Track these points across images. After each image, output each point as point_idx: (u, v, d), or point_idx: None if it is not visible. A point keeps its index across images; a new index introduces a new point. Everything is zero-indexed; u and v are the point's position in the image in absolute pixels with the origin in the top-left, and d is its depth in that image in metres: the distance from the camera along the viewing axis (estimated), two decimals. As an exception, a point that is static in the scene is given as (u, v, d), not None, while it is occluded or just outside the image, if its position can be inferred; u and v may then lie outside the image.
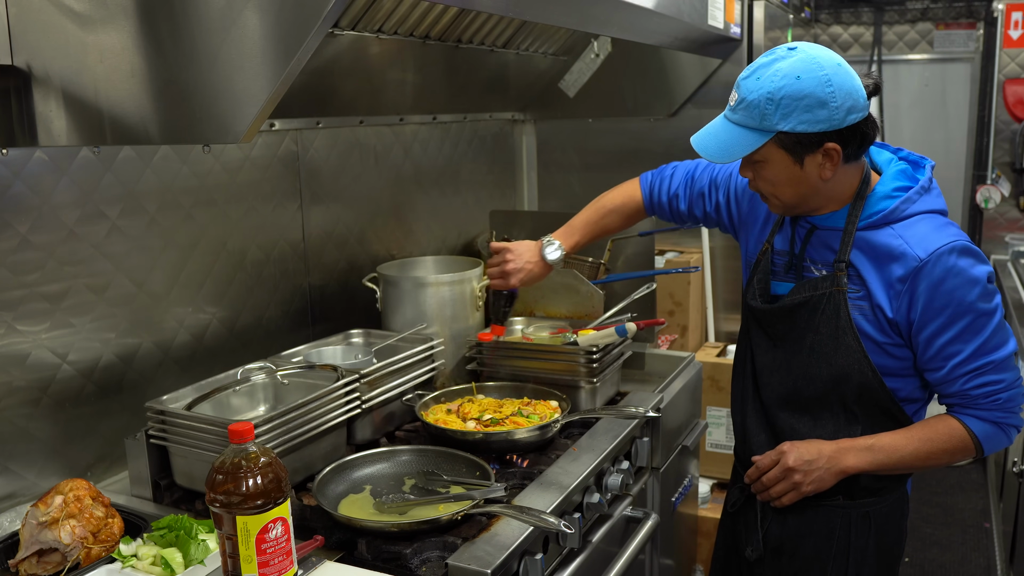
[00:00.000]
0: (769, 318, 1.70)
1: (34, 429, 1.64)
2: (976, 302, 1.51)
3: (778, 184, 1.57)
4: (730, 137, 1.55)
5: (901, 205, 1.56)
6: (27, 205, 1.59)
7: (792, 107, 1.47)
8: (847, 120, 1.48)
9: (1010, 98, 4.52)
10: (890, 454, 1.60)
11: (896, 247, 1.54)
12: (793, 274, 1.69)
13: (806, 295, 1.63)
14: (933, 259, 1.51)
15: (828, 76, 1.47)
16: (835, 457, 1.61)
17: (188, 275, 1.93)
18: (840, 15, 5.06)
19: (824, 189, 1.58)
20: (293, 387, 1.85)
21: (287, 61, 1.15)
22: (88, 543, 1.38)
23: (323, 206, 2.30)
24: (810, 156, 1.52)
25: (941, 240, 1.52)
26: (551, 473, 1.74)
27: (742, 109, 1.53)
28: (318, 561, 1.41)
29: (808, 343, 1.64)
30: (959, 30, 4.94)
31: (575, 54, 2.97)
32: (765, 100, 1.49)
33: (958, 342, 1.53)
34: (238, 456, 1.20)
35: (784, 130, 1.49)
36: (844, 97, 1.47)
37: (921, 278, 1.51)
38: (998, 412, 1.56)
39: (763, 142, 1.51)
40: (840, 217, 1.61)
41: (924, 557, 3.57)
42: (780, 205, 1.63)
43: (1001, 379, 1.55)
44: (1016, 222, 4.65)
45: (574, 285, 2.37)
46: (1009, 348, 1.56)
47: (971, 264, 1.52)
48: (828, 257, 1.63)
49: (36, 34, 1.33)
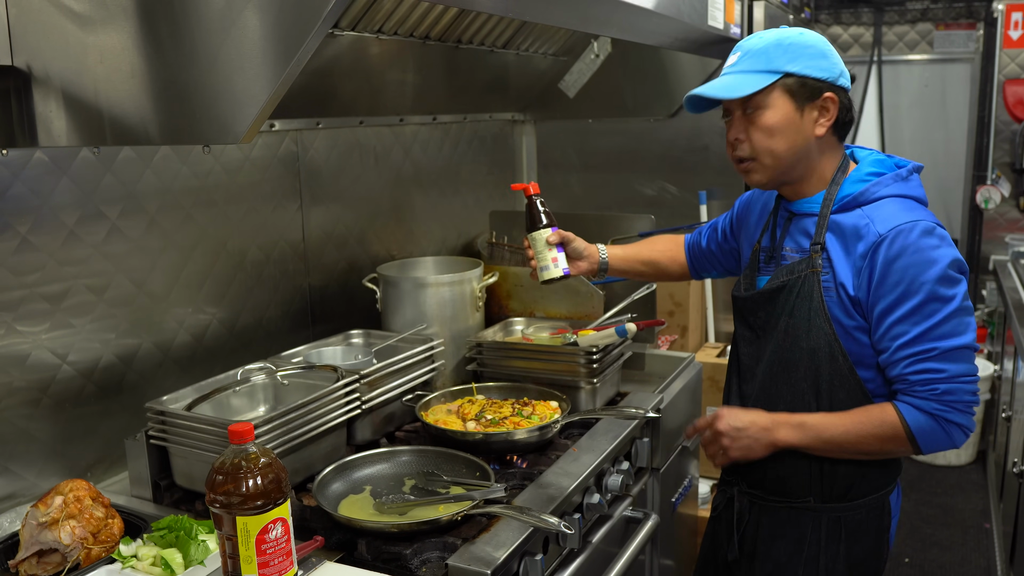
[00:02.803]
0: (750, 306, 1.72)
1: (34, 429, 1.64)
2: (932, 284, 1.49)
3: (775, 133, 1.57)
4: (735, 80, 1.58)
5: (871, 188, 1.58)
6: (27, 205, 1.59)
7: (799, 53, 1.56)
8: (840, 80, 1.58)
9: (1010, 98, 4.52)
10: (820, 432, 1.59)
11: (861, 226, 1.55)
12: (773, 265, 1.71)
13: (783, 279, 1.64)
14: (892, 235, 1.50)
15: (826, 40, 1.62)
16: (768, 429, 1.63)
17: (188, 275, 1.93)
18: (840, 15, 5.06)
19: (813, 153, 1.60)
20: (293, 387, 1.85)
21: (287, 61, 1.15)
22: (88, 544, 1.38)
23: (323, 206, 2.30)
24: (809, 105, 1.57)
25: (904, 218, 1.52)
26: (551, 474, 1.74)
27: (747, 59, 1.58)
28: (318, 561, 1.41)
29: (783, 327, 1.64)
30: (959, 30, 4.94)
31: (575, 54, 2.97)
32: (773, 45, 1.57)
33: (905, 322, 1.51)
34: (238, 456, 1.20)
35: (792, 71, 1.54)
36: (838, 60, 1.60)
37: (879, 253, 1.51)
38: (935, 403, 1.51)
39: (771, 82, 1.55)
40: (816, 202, 1.63)
41: (924, 557, 3.57)
42: (768, 165, 1.61)
43: (943, 369, 1.51)
44: (1016, 222, 4.65)
45: (574, 285, 2.37)
46: (960, 340, 1.51)
47: (933, 245, 1.50)
48: (804, 243, 1.64)
49: (36, 34, 1.33)
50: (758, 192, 1.88)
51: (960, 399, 1.52)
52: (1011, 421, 3.37)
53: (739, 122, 1.61)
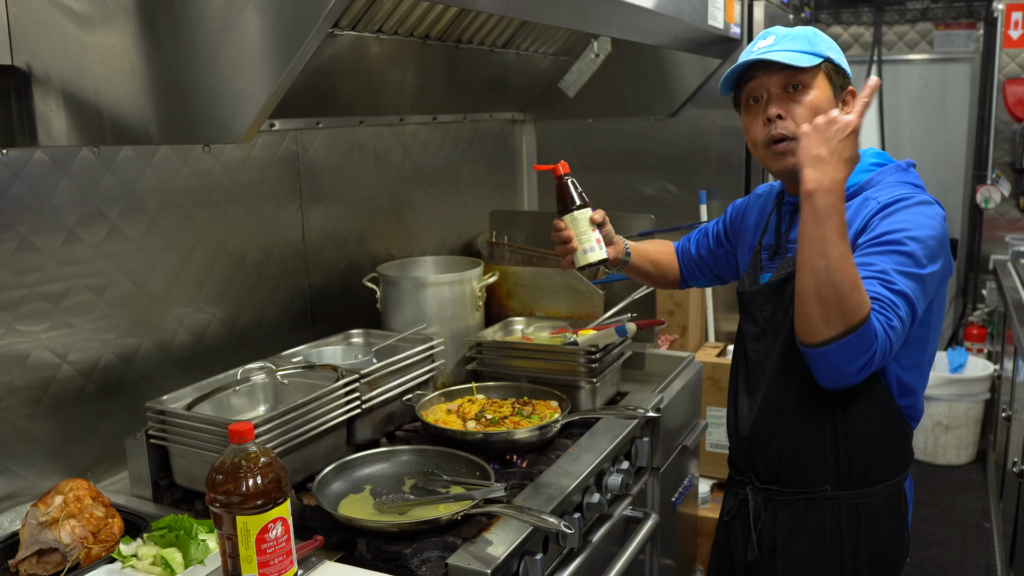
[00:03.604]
0: (758, 300, 1.71)
1: (34, 429, 1.64)
2: (914, 242, 1.47)
3: (819, 112, 1.54)
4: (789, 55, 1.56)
5: (876, 176, 1.60)
6: (27, 205, 1.59)
7: (830, 44, 1.61)
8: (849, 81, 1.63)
9: (1010, 98, 4.52)
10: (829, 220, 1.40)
11: (863, 207, 1.56)
12: (778, 259, 1.71)
13: (790, 269, 1.62)
14: (891, 200, 1.52)
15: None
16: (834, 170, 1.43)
17: (188, 275, 1.93)
18: (840, 15, 5.06)
19: None
20: (293, 387, 1.85)
21: (287, 61, 1.15)
22: (88, 543, 1.38)
23: (323, 206, 2.30)
24: (838, 96, 1.60)
25: (906, 191, 1.54)
26: (551, 473, 1.74)
27: (788, 39, 1.59)
28: (318, 561, 1.41)
29: (791, 318, 1.59)
30: (959, 30, 4.94)
31: (575, 54, 2.97)
32: (810, 32, 1.61)
33: (879, 258, 1.47)
34: (238, 456, 1.20)
35: (831, 57, 1.58)
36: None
37: (877, 215, 1.52)
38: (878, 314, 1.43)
39: (819, 61, 1.57)
40: None
41: (924, 557, 3.57)
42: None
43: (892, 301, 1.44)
44: (1016, 222, 4.65)
45: (574, 285, 2.37)
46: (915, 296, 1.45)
47: (929, 214, 1.50)
48: None
49: (36, 34, 1.33)
50: (754, 197, 1.88)
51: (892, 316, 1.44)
52: (1011, 421, 3.37)
53: (780, 99, 1.59)
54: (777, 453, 1.68)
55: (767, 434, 1.70)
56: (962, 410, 4.37)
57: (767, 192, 1.86)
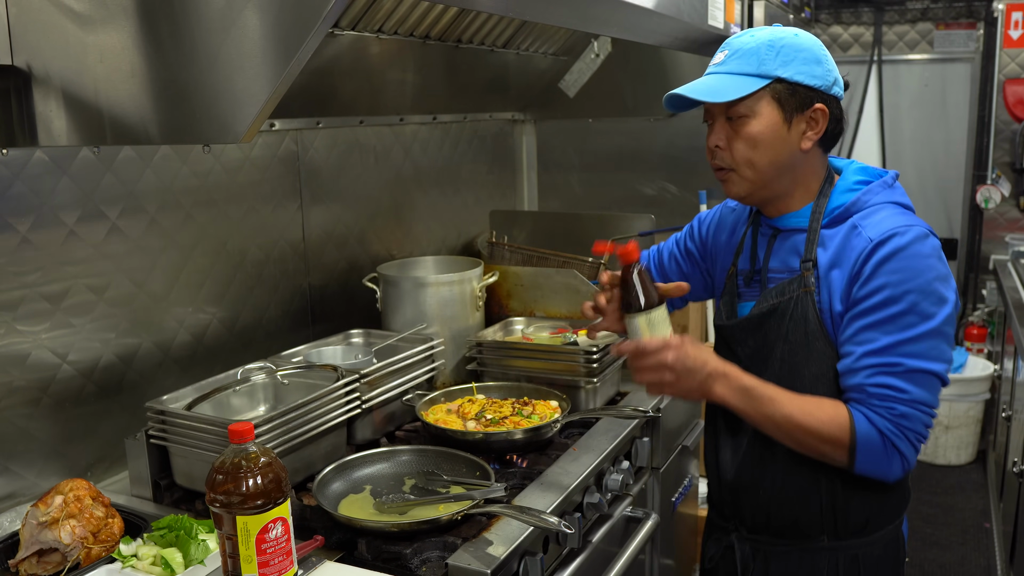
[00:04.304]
0: (738, 334, 1.59)
1: (34, 429, 1.64)
2: (917, 295, 1.38)
3: (760, 145, 1.46)
4: (721, 82, 1.45)
5: (863, 197, 1.48)
6: (27, 205, 1.59)
7: (792, 56, 1.44)
8: (833, 89, 1.47)
9: (1010, 98, 4.52)
10: (763, 406, 1.44)
11: (853, 237, 1.45)
12: (757, 288, 1.58)
13: (773, 302, 1.52)
14: (884, 239, 1.40)
15: (820, 44, 1.50)
16: (712, 378, 1.44)
17: (188, 275, 1.93)
18: (840, 15, 5.05)
19: (798, 167, 1.50)
20: (293, 387, 1.85)
21: (287, 61, 1.15)
22: (88, 543, 1.38)
23: (323, 206, 2.30)
24: (798, 116, 1.45)
25: (898, 223, 1.42)
26: (551, 473, 1.74)
27: (736, 59, 1.46)
28: (318, 561, 1.41)
29: (779, 354, 1.51)
30: (959, 30, 4.94)
31: (575, 54, 2.97)
32: (765, 46, 1.44)
33: (876, 329, 1.40)
34: (238, 456, 1.20)
35: (783, 76, 1.43)
36: (833, 66, 1.48)
37: (869, 258, 1.41)
38: (888, 423, 1.39)
39: (760, 87, 1.43)
40: (803, 216, 1.53)
41: (924, 557, 3.57)
42: (748, 178, 1.50)
43: (905, 389, 1.38)
44: (1016, 222, 4.65)
45: (574, 285, 2.37)
46: (932, 365, 1.39)
47: (926, 253, 1.40)
48: (792, 262, 1.53)
49: (36, 34, 1.33)
50: (727, 210, 1.77)
51: (914, 427, 1.40)
52: (1011, 421, 3.37)
53: (720, 128, 1.49)
54: (766, 501, 1.57)
55: (754, 480, 1.59)
56: (962, 410, 4.37)
57: (739, 206, 1.73)
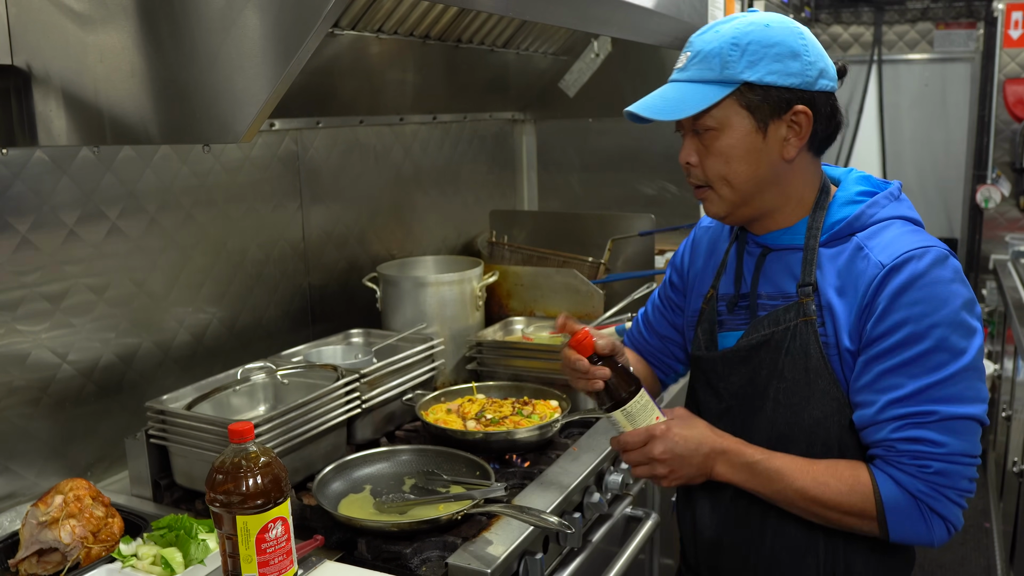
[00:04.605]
0: (721, 369, 1.38)
1: (34, 429, 1.64)
2: (944, 328, 1.18)
3: (733, 159, 1.27)
4: (680, 94, 1.27)
5: (868, 210, 1.28)
6: (27, 205, 1.59)
7: (761, 54, 1.23)
8: (819, 83, 1.25)
9: (1010, 98, 4.52)
10: (772, 482, 1.27)
11: (859, 260, 1.25)
12: (743, 315, 1.37)
13: (766, 332, 1.31)
14: (898, 264, 1.21)
15: (800, 31, 1.27)
16: (711, 458, 1.29)
17: (188, 275, 1.93)
18: (840, 15, 5.05)
19: (784, 178, 1.29)
20: (293, 387, 1.86)
21: (287, 61, 1.15)
22: (88, 543, 1.38)
23: (323, 206, 2.30)
24: (775, 122, 1.25)
25: (911, 244, 1.23)
26: (551, 473, 1.74)
27: (697, 63, 1.27)
28: (318, 561, 1.41)
29: (772, 394, 1.31)
30: (959, 30, 4.94)
31: (575, 54, 2.97)
32: (729, 46, 1.24)
33: (901, 373, 1.20)
34: (238, 456, 1.20)
35: (750, 80, 1.23)
36: (817, 56, 1.26)
37: (882, 288, 1.21)
38: (922, 484, 1.19)
39: (723, 95, 1.24)
40: (798, 233, 1.32)
41: (924, 557, 3.57)
42: (728, 196, 1.31)
43: (941, 442, 1.18)
44: (1016, 222, 4.65)
45: (574, 285, 2.37)
46: (969, 409, 1.19)
47: (947, 278, 1.20)
48: (788, 286, 1.32)
49: (36, 34, 1.33)
50: (700, 231, 1.56)
51: (955, 484, 1.20)
52: (1011, 421, 3.37)
53: (690, 143, 1.32)
54: (753, 564, 1.37)
55: (738, 540, 1.39)
56: (962, 410, 4.36)
57: (715, 222, 1.50)
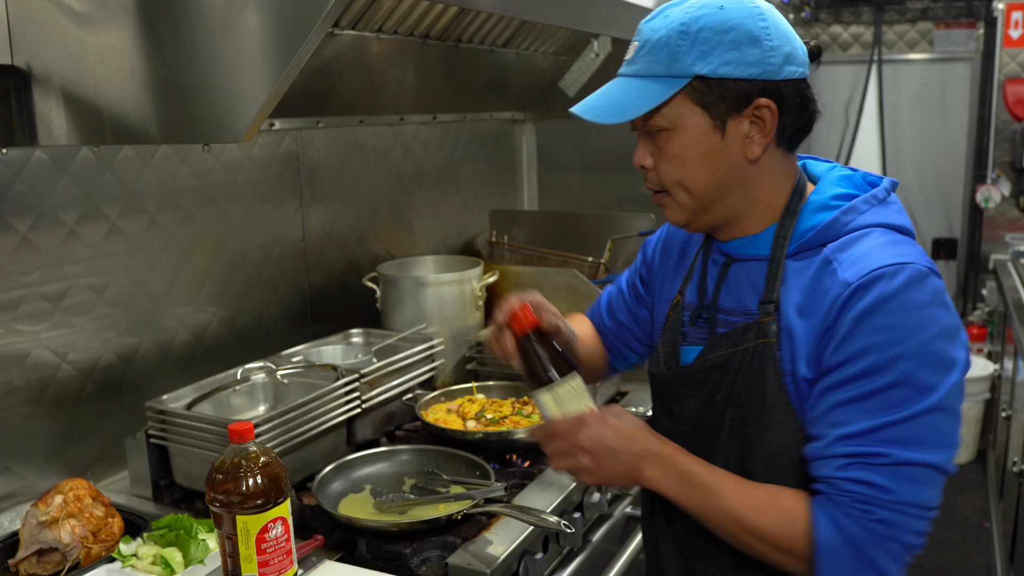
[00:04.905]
0: (675, 390, 1.25)
1: (34, 429, 1.64)
2: (911, 360, 1.02)
3: (689, 162, 1.13)
4: (626, 92, 1.14)
5: (842, 217, 1.12)
6: (27, 205, 1.59)
7: (714, 42, 1.08)
8: (784, 71, 1.10)
9: (1010, 98, 4.52)
10: (706, 498, 1.11)
11: (826, 276, 1.09)
12: (703, 328, 1.24)
13: (724, 353, 1.17)
14: (866, 283, 1.04)
15: (761, 10, 1.11)
16: (643, 459, 1.13)
17: (188, 275, 1.93)
18: (840, 14, 5.05)
19: (749, 181, 1.15)
20: (293, 387, 1.86)
21: (287, 61, 1.15)
22: (88, 543, 1.38)
23: (323, 206, 2.30)
24: (735, 118, 1.11)
25: (885, 259, 1.05)
26: (551, 473, 1.74)
27: (644, 55, 1.13)
28: (318, 561, 1.41)
29: (728, 423, 1.17)
30: (959, 29, 4.94)
31: (575, 54, 2.96)
32: (677, 34, 1.09)
33: (856, 408, 1.04)
34: (238, 456, 1.20)
35: (703, 74, 1.08)
36: (781, 39, 1.10)
37: (846, 311, 1.05)
38: (861, 529, 1.03)
39: (673, 92, 1.10)
40: (765, 241, 1.18)
41: (924, 557, 3.57)
42: (686, 203, 1.17)
43: (889, 488, 1.03)
44: (1016, 222, 4.65)
45: (574, 285, 2.37)
46: (928, 457, 1.04)
47: (924, 301, 1.04)
48: (748, 302, 1.18)
49: (36, 34, 1.33)
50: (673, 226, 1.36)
51: (899, 537, 1.04)
52: (1011, 420, 3.37)
53: (644, 144, 1.18)
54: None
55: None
56: (962, 410, 4.37)
57: None
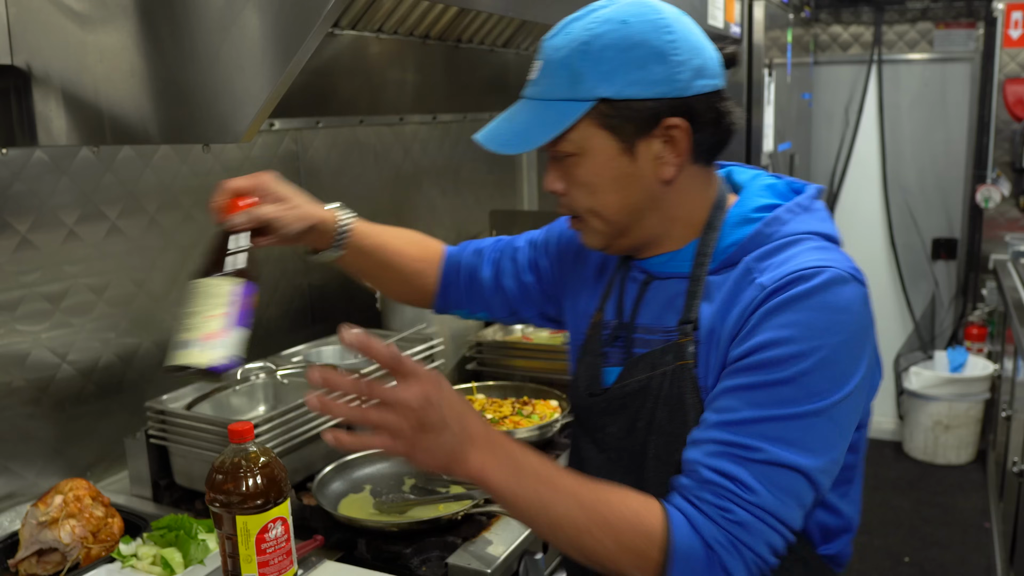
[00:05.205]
0: (596, 417, 1.18)
1: (34, 429, 1.64)
2: (811, 363, 0.97)
3: (599, 189, 1.07)
4: (529, 116, 1.06)
5: (765, 228, 1.06)
6: (27, 205, 1.59)
7: (616, 62, 1.01)
8: (694, 86, 1.04)
9: (1010, 98, 4.52)
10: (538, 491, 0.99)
11: (745, 287, 1.03)
12: (621, 349, 1.17)
13: (642, 377, 1.12)
14: (781, 285, 0.99)
15: (668, 22, 1.04)
16: (473, 439, 1.00)
17: (188, 275, 1.92)
18: (840, 14, 5.05)
19: (666, 202, 1.09)
20: (293, 387, 1.85)
21: (287, 61, 1.15)
22: (88, 543, 1.38)
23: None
24: (645, 140, 1.04)
25: (806, 263, 1.00)
26: (551, 473, 1.74)
27: (546, 76, 1.06)
28: (318, 561, 1.41)
29: (652, 451, 1.10)
30: (959, 29, 4.94)
31: (575, 54, 2.97)
32: (577, 53, 1.02)
33: (742, 396, 0.99)
34: (238, 456, 1.20)
35: (606, 96, 1.02)
36: (690, 52, 1.04)
37: (756, 310, 1.00)
38: (719, 531, 0.96)
39: (576, 117, 1.03)
40: (686, 259, 1.12)
41: (924, 557, 3.57)
42: (601, 229, 1.12)
43: (753, 488, 0.96)
44: (1016, 222, 4.65)
45: (574, 285, 2.37)
46: (802, 460, 0.97)
47: (840, 306, 0.98)
48: (667, 320, 1.12)
49: (36, 34, 1.33)
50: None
51: (753, 545, 0.97)
52: (1011, 420, 3.37)
53: (553, 168, 1.10)
54: None
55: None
56: (962, 410, 4.37)
57: None
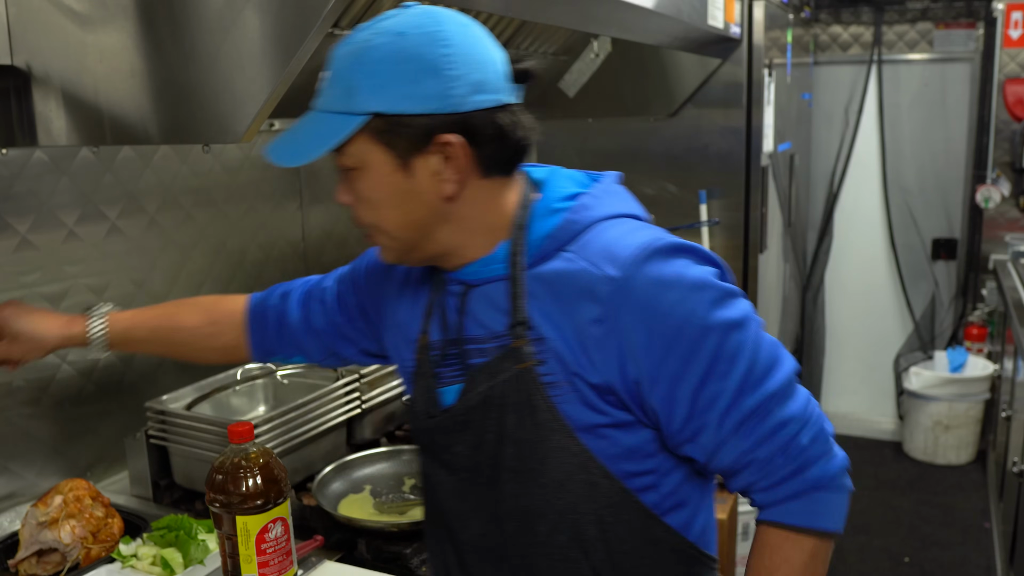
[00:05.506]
0: (440, 438, 1.14)
1: (34, 429, 1.64)
2: (713, 314, 1.00)
3: (379, 204, 1.04)
4: (308, 130, 1.05)
5: (573, 216, 1.07)
6: (27, 205, 1.59)
7: (388, 75, 0.98)
8: (471, 101, 0.99)
9: (1010, 98, 4.52)
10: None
11: (577, 275, 1.02)
12: (456, 365, 1.12)
13: (483, 389, 1.07)
14: (630, 273, 1.00)
15: (446, 35, 0.99)
16: None
17: (188, 275, 1.93)
18: (840, 15, 5.05)
19: (456, 215, 1.05)
20: (293, 387, 1.86)
21: (287, 61, 1.15)
22: (88, 543, 1.38)
23: (323, 206, 2.30)
24: (420, 157, 1.01)
25: (634, 244, 1.03)
26: (551, 473, 1.74)
27: (328, 87, 1.05)
28: (318, 561, 1.41)
29: (507, 463, 1.07)
30: (959, 29, 4.94)
31: (575, 54, 2.97)
32: (354, 66, 1.01)
33: (713, 380, 1.01)
34: (238, 456, 1.20)
35: (379, 111, 0.99)
36: (467, 66, 0.99)
37: (621, 307, 1.00)
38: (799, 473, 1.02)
39: (350, 130, 1.00)
40: (499, 261, 1.08)
41: (924, 557, 3.57)
42: (389, 244, 1.09)
43: (790, 416, 1.02)
44: (1016, 222, 4.65)
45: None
46: (785, 367, 1.04)
47: (685, 264, 1.03)
48: (495, 325, 1.07)
49: (36, 34, 1.33)
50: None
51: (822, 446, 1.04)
52: (1011, 421, 3.37)
53: (341, 180, 1.08)
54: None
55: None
56: (962, 410, 4.37)
57: None
